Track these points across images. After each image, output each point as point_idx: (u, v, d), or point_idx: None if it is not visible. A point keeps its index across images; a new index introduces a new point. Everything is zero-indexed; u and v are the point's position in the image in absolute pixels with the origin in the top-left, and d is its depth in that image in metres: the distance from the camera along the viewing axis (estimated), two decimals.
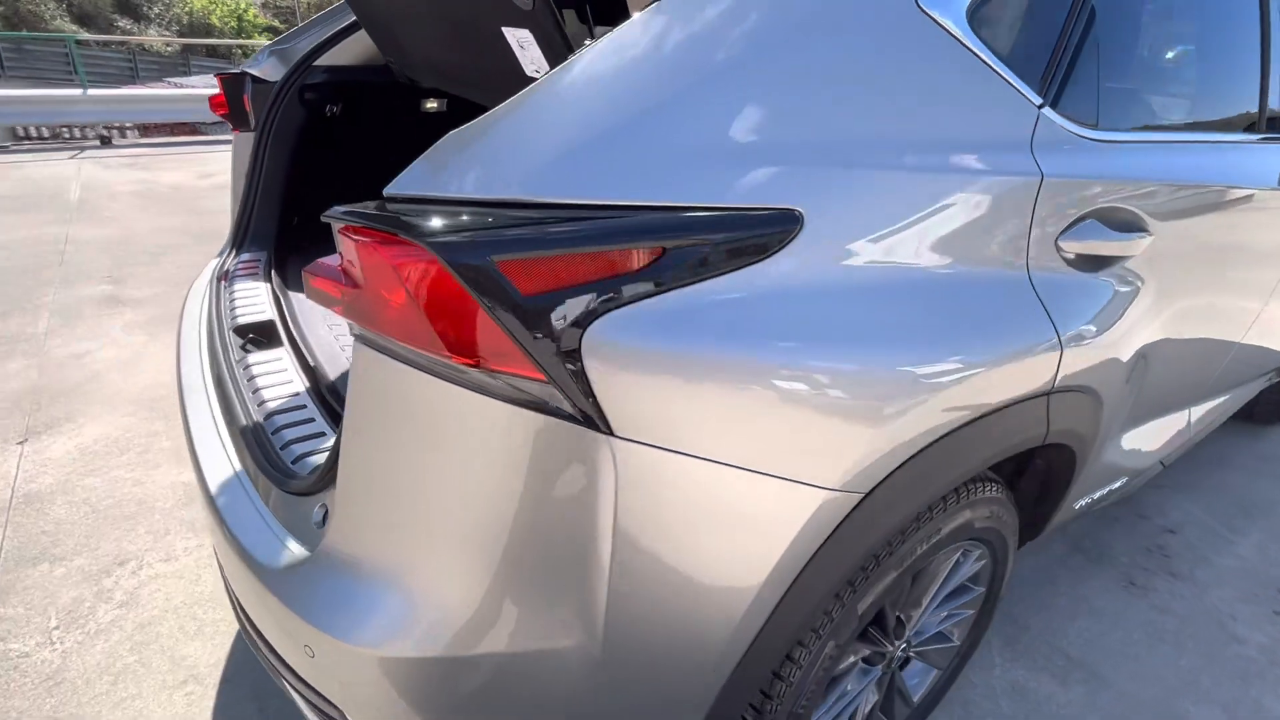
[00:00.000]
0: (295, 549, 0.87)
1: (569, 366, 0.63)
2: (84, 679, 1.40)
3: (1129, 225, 1.05)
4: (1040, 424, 1.01)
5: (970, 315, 0.86)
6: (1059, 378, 0.98)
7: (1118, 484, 1.51)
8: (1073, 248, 0.98)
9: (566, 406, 0.65)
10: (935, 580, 1.17)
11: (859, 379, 0.76)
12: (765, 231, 0.70)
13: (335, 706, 0.83)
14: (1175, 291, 1.21)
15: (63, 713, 1.33)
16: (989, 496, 1.10)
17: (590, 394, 0.64)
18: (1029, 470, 1.31)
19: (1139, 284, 1.12)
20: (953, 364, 0.83)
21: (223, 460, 1.07)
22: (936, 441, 0.86)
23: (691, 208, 0.67)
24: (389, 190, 0.64)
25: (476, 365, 0.62)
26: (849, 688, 1.16)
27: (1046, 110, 0.94)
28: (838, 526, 0.81)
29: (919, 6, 0.80)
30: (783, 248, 0.71)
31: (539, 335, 0.61)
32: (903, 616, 1.20)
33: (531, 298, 0.60)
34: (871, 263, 0.78)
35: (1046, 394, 0.99)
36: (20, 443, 2.19)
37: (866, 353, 0.77)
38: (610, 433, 0.66)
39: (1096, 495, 1.47)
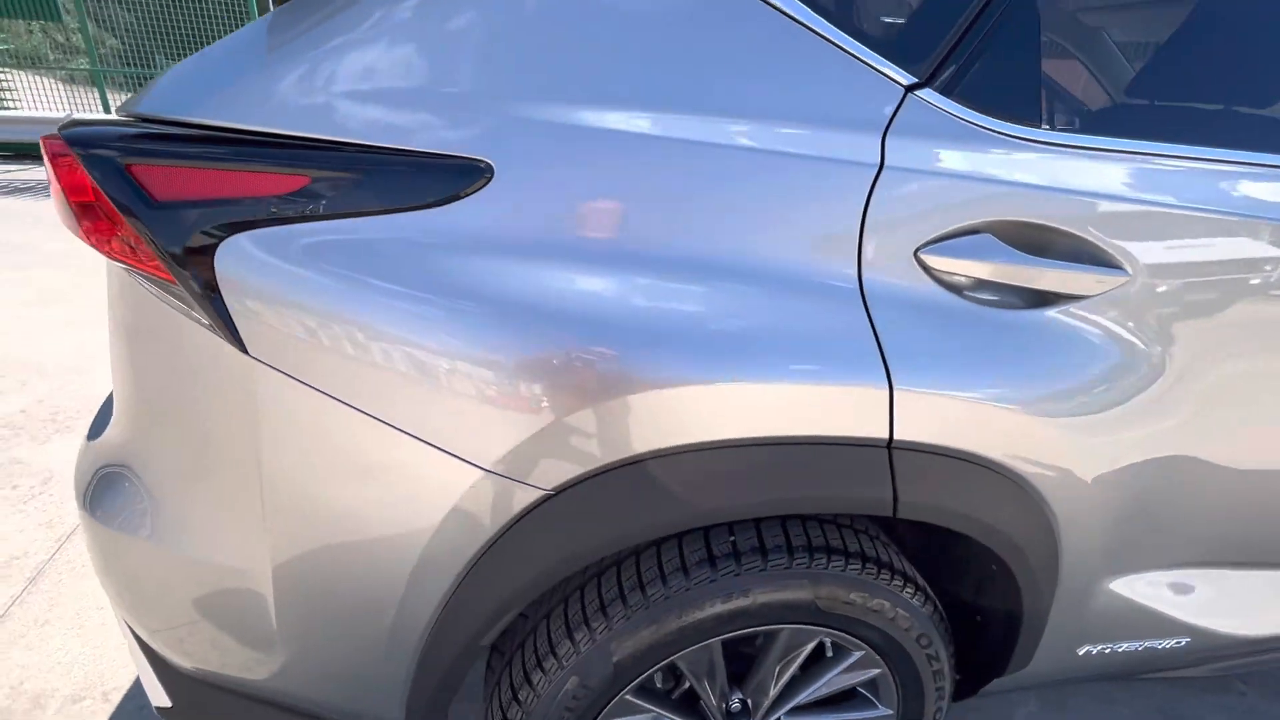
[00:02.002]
0: None
1: (200, 277, 0.66)
2: None
3: (1083, 255, 0.79)
4: (876, 485, 0.78)
5: (725, 311, 0.71)
6: (897, 426, 0.76)
7: (1164, 643, 1.08)
8: (949, 266, 0.76)
9: (200, 317, 0.68)
10: (774, 667, 0.95)
11: (535, 357, 0.68)
12: (441, 175, 0.67)
13: None
14: (1215, 370, 0.86)
15: None
16: (854, 577, 0.88)
17: (223, 309, 0.67)
18: (975, 581, 1.01)
19: (1124, 342, 0.82)
20: (684, 365, 0.70)
21: None
22: (664, 456, 0.72)
23: (356, 144, 0.67)
24: (120, 106, 0.75)
25: (125, 262, 0.69)
26: None
27: (925, 92, 0.76)
28: (517, 519, 0.72)
29: None
30: (457, 200, 0.68)
31: (167, 240, 0.66)
32: (748, 703, 0.99)
33: (163, 203, 0.65)
34: (583, 235, 0.69)
35: (883, 448, 0.77)
36: None
37: (551, 329, 0.68)
38: (244, 351, 0.68)
39: (1120, 647, 1.07)
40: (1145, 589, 1.01)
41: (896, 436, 0.76)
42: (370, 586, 0.76)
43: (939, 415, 0.77)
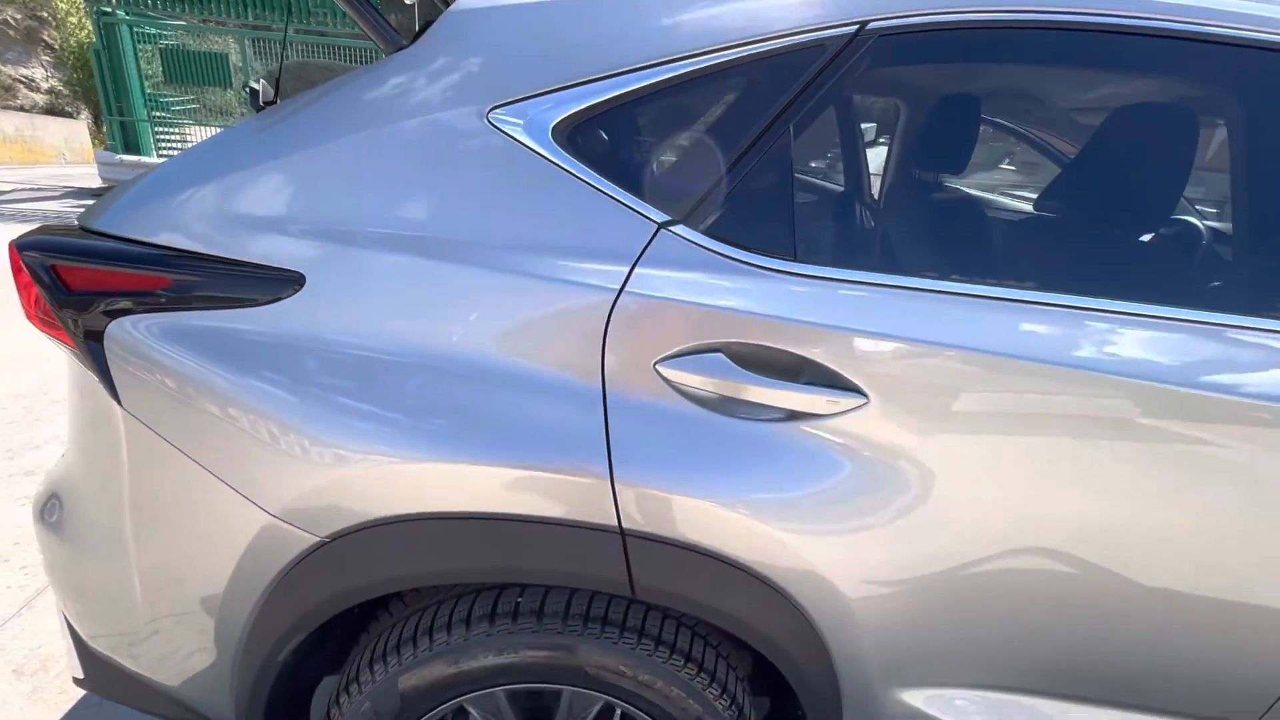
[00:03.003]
0: None
1: (94, 347, 0.90)
2: None
3: (820, 377, 0.86)
4: (610, 567, 0.88)
5: (488, 406, 0.85)
6: (627, 519, 0.86)
7: None
8: (686, 379, 0.86)
9: (96, 378, 0.91)
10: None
11: (313, 432, 0.85)
12: (265, 283, 0.87)
13: None
14: (969, 489, 0.89)
15: None
16: (627, 651, 0.96)
17: (106, 371, 0.90)
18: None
19: (864, 460, 0.88)
20: (428, 447, 0.85)
21: None
22: (420, 520, 0.87)
23: (209, 255, 0.88)
24: (79, 217, 1.01)
25: (50, 334, 0.93)
26: None
27: (680, 229, 0.88)
28: (299, 559, 0.89)
29: (489, 121, 0.89)
30: (281, 300, 0.87)
31: (74, 320, 0.90)
32: None
33: (74, 293, 0.89)
34: (366, 339, 0.87)
35: (617, 534, 0.87)
36: None
37: (327, 411, 0.86)
38: (120, 403, 0.91)
39: None
40: (944, 705, 1.01)
41: (626, 525, 0.86)
42: (201, 599, 0.95)
43: (670, 510, 0.86)
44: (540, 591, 0.98)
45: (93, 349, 0.90)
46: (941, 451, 0.88)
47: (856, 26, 0.90)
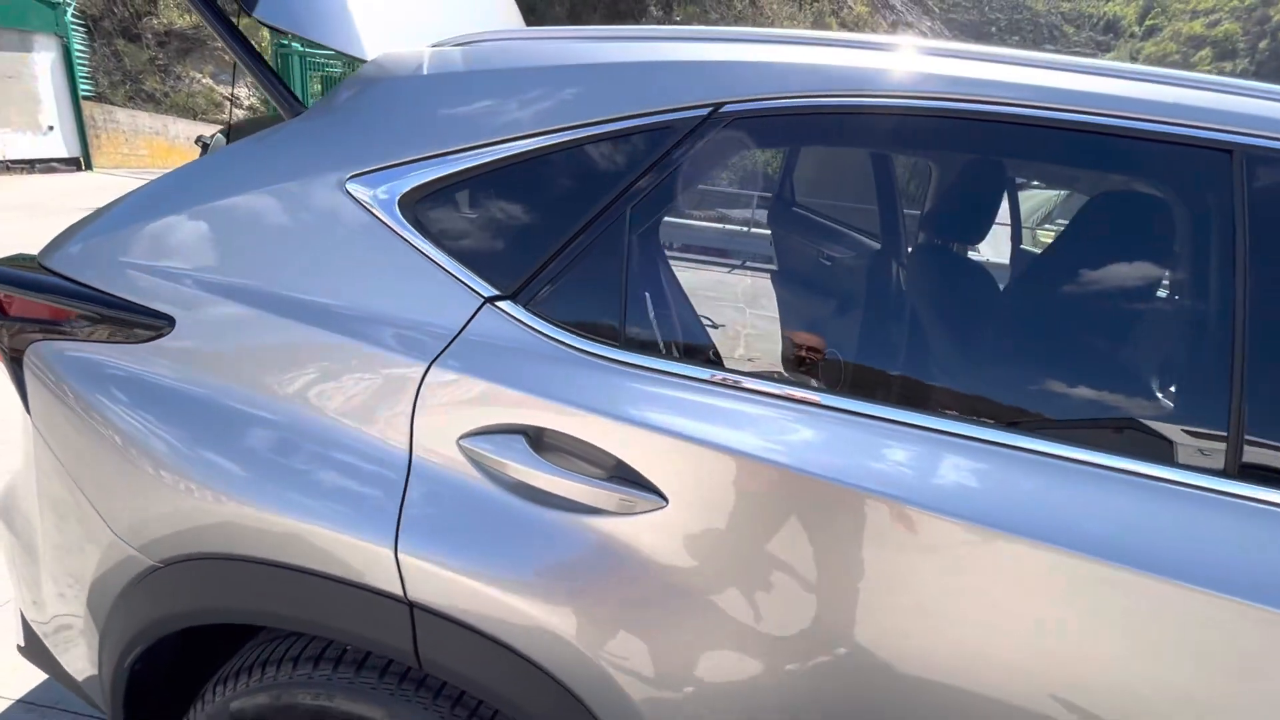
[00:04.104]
0: None
1: (18, 361, 1.03)
2: None
3: (620, 474, 0.82)
4: (396, 635, 0.88)
5: (301, 459, 0.89)
6: (411, 589, 0.85)
7: None
8: (481, 458, 0.85)
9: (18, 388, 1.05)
10: None
11: (158, 469, 0.93)
12: (143, 322, 0.96)
13: None
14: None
15: None
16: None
17: (22, 384, 1.03)
18: None
19: (662, 567, 0.82)
20: (235, 493, 0.89)
21: None
22: (232, 560, 0.91)
23: (105, 293, 0.99)
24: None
25: None
26: None
27: (506, 305, 0.88)
28: (145, 573, 0.96)
29: (346, 189, 0.93)
30: (155, 338, 0.96)
31: (6, 338, 1.03)
32: None
33: (8, 317, 1.03)
34: (220, 381, 0.93)
35: (405, 603, 0.87)
36: None
37: (184, 448, 0.93)
38: (29, 412, 1.03)
39: None
40: None
41: (410, 595, 0.86)
42: (84, 603, 1.05)
43: (454, 588, 0.85)
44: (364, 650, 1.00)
45: (14, 365, 1.03)
46: (734, 564, 0.81)
47: (710, 109, 0.86)
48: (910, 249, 1.82)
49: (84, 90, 12.68)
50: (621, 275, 0.88)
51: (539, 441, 0.85)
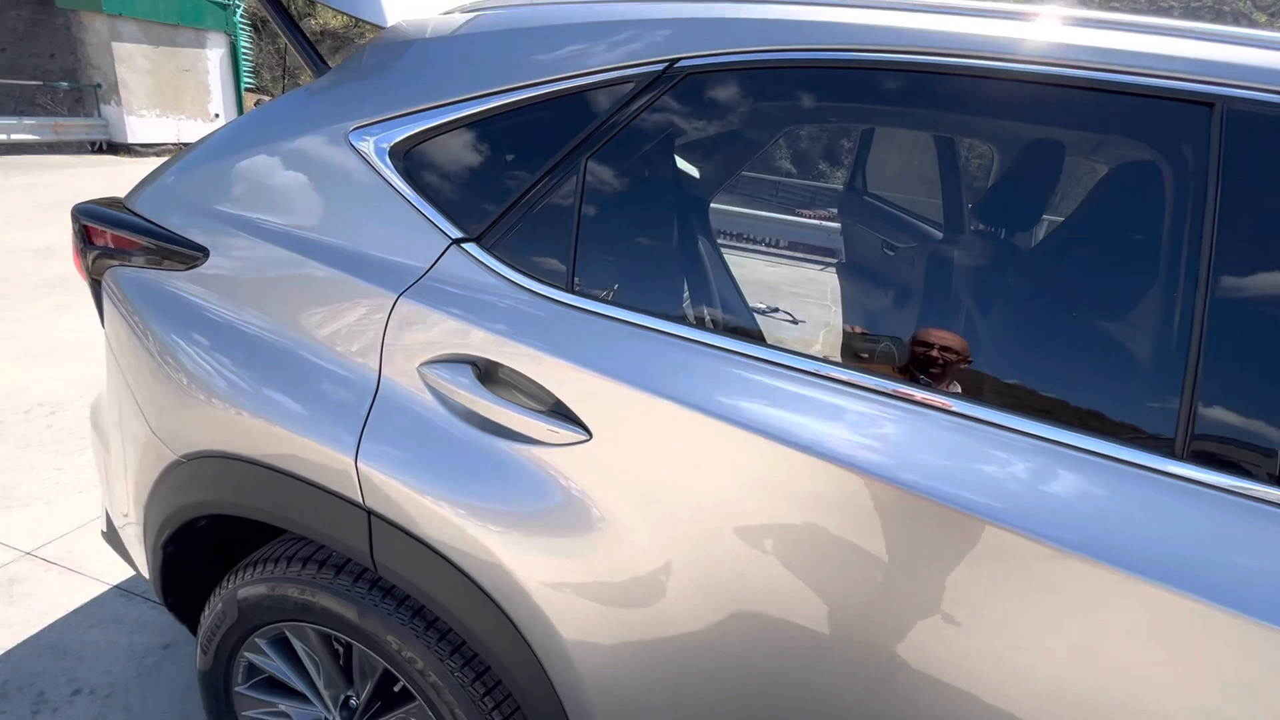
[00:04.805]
0: None
1: (97, 284, 1.23)
2: None
3: (556, 407, 0.88)
4: (355, 538, 0.97)
5: (288, 374, 1.01)
6: (368, 497, 0.95)
7: None
8: (440, 385, 0.93)
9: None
10: (359, 678, 1.15)
11: (183, 375, 1.08)
12: (184, 252, 1.12)
13: None
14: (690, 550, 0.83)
15: None
16: (398, 623, 1.05)
17: (100, 302, 1.22)
18: None
19: (581, 496, 0.87)
20: (237, 402, 1.02)
21: None
22: (223, 460, 1.05)
23: (160, 227, 1.16)
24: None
25: (81, 276, 1.28)
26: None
27: (470, 247, 0.96)
28: (172, 466, 1.12)
29: (348, 140, 1.04)
30: (193, 266, 1.11)
31: (90, 263, 1.23)
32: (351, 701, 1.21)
33: (92, 246, 1.23)
34: (239, 304, 1.07)
35: (362, 509, 0.96)
36: None
37: (205, 360, 1.07)
38: (103, 325, 1.23)
39: None
40: None
41: (367, 503, 0.96)
42: (133, 487, 1.24)
43: (402, 501, 0.93)
44: (345, 557, 1.11)
45: (96, 286, 1.23)
46: (649, 503, 0.83)
47: (665, 64, 0.89)
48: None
49: (246, 83, 14.24)
50: (574, 224, 0.93)
51: (487, 373, 0.91)
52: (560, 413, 0.88)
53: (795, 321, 1.05)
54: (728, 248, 0.97)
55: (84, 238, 1.24)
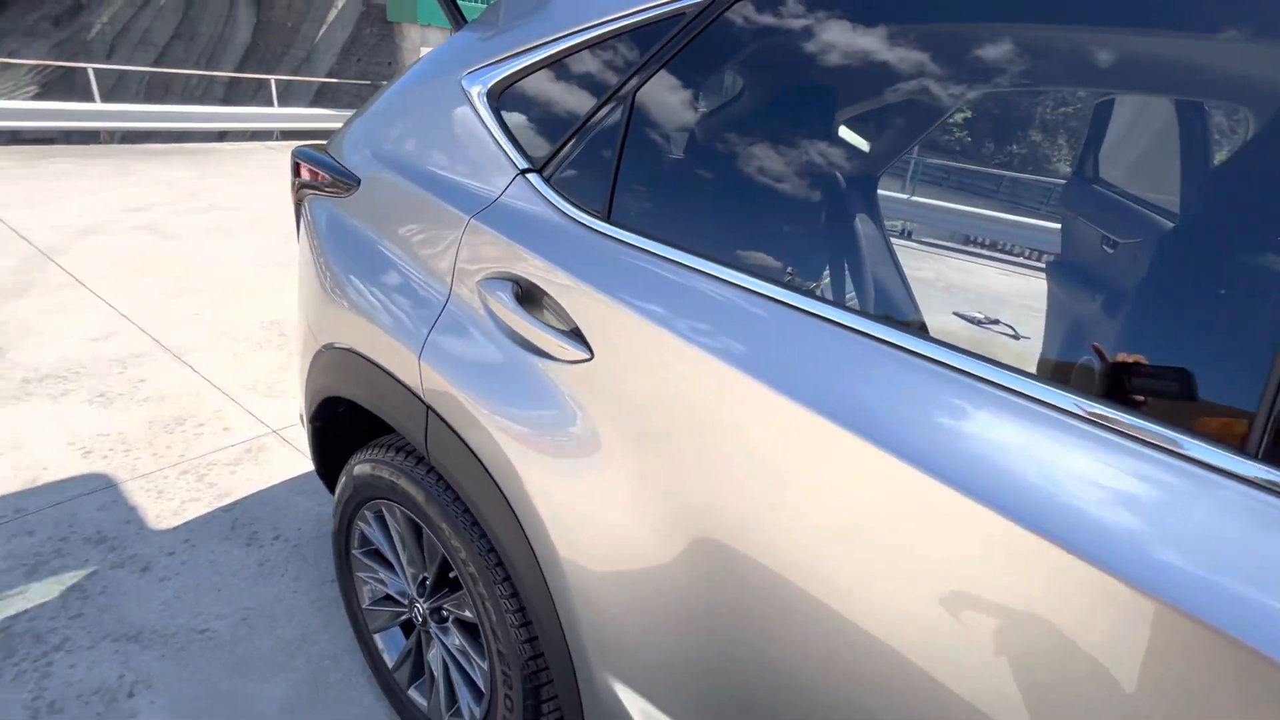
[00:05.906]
0: None
1: (302, 207, 1.54)
2: None
3: (567, 329, 0.92)
4: (416, 428, 1.11)
5: (388, 282, 1.18)
6: (426, 393, 1.07)
7: None
8: (487, 299, 1.02)
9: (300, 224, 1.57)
10: (424, 556, 1.32)
11: (331, 278, 1.32)
12: (346, 182, 1.36)
13: None
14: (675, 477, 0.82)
15: None
16: (456, 513, 1.19)
17: (300, 219, 1.54)
18: None
19: (585, 412, 0.90)
20: (355, 303, 1.22)
21: None
22: (345, 351, 1.26)
23: (336, 163, 1.42)
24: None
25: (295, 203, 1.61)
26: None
27: (532, 177, 1.04)
28: (318, 352, 1.38)
29: (460, 83, 1.17)
30: (349, 193, 1.35)
31: (297, 192, 1.55)
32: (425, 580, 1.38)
33: (303, 180, 1.54)
34: (369, 224, 1.28)
35: (423, 403, 1.09)
36: None
37: (341, 267, 1.30)
38: (298, 236, 1.54)
39: None
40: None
41: (425, 398, 1.09)
42: (299, 365, 1.55)
43: (451, 400, 1.05)
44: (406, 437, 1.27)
45: (298, 209, 1.55)
46: (647, 430, 0.84)
47: None
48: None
49: None
50: (615, 157, 0.95)
51: (528, 294, 0.99)
52: (573, 332, 0.92)
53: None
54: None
55: (295, 172, 1.56)
